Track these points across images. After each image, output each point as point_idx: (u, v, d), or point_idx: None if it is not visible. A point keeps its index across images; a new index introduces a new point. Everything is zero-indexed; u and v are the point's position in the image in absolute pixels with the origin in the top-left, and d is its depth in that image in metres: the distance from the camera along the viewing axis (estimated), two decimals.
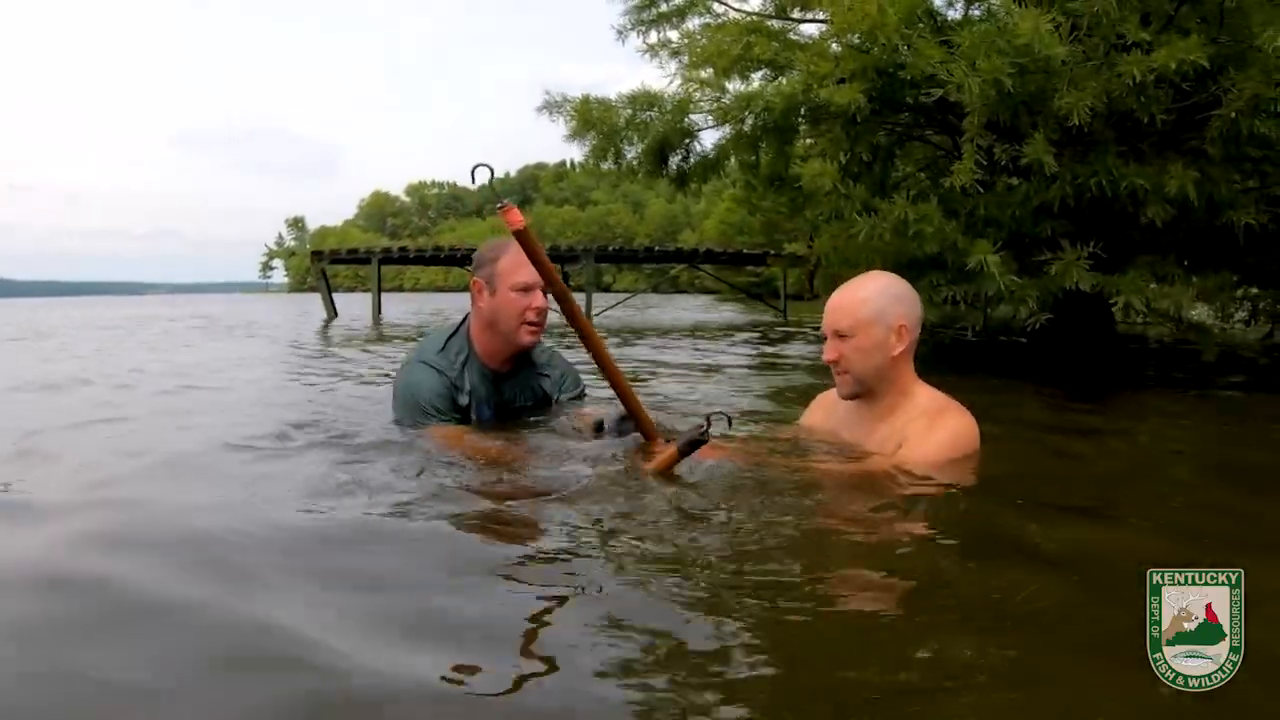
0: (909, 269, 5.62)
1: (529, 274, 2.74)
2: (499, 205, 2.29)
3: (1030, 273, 5.23)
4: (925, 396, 2.60)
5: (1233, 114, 4.79)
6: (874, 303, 2.54)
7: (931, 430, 2.50)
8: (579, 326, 2.45)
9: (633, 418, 2.53)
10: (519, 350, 2.97)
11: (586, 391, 3.25)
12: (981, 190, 5.49)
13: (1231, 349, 8.15)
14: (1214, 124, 4.92)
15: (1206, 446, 3.68)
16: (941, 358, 7.49)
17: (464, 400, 2.92)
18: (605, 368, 2.45)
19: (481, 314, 2.92)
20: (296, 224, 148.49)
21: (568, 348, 3.67)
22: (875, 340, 2.52)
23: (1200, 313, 7.17)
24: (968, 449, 2.53)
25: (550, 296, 2.65)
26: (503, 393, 3.01)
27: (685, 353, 8.58)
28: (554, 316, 2.80)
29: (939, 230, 5.12)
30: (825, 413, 2.90)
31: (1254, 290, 7.22)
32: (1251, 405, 5.06)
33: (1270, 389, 5.88)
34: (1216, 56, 4.90)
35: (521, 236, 2.33)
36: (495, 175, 2.31)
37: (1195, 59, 4.63)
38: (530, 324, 2.87)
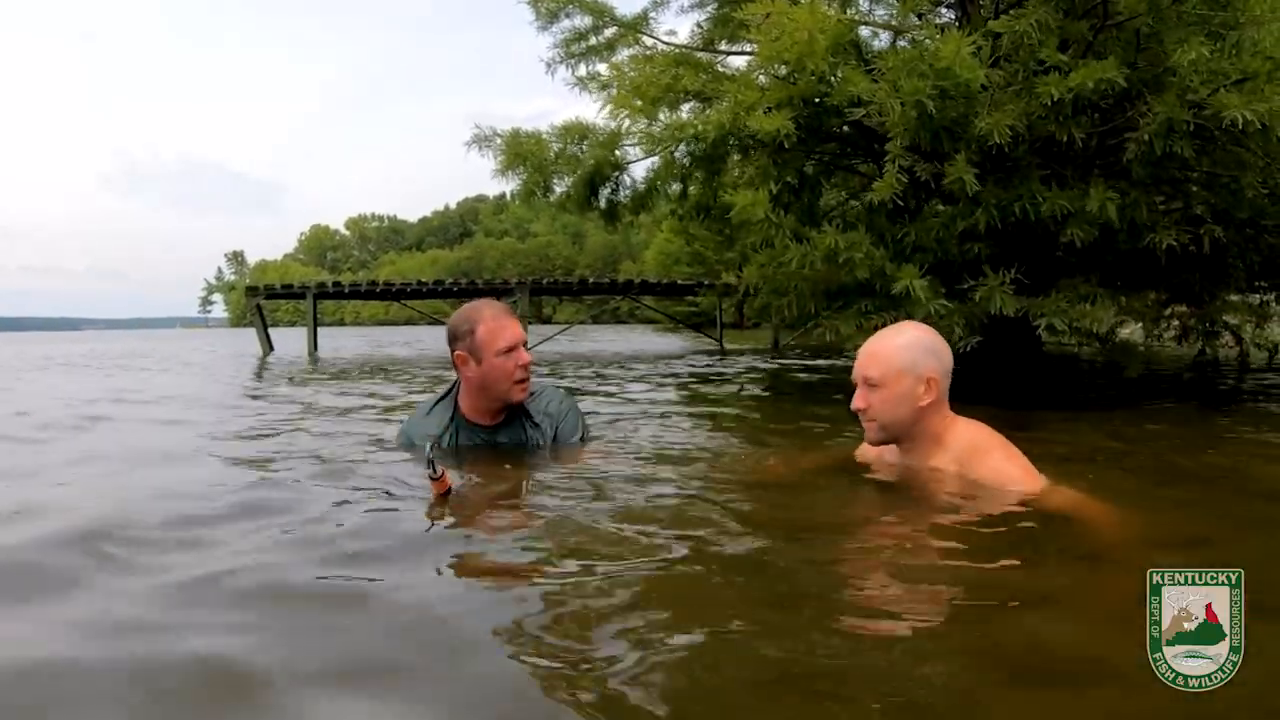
0: (838, 296, 5.63)
1: (508, 336, 3.03)
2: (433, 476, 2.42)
3: (957, 297, 5.25)
4: (963, 440, 2.59)
5: (1147, 136, 4.85)
6: (907, 353, 2.56)
7: (985, 470, 2.50)
8: None
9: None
10: (512, 404, 3.18)
11: (589, 434, 3.44)
12: (908, 218, 5.53)
13: (1160, 365, 8.32)
14: (1130, 147, 4.99)
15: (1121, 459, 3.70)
16: None
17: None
18: None
19: (471, 382, 3.13)
20: (236, 258, 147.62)
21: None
22: (904, 391, 2.55)
23: (1132, 331, 7.28)
24: (1020, 469, 2.50)
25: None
26: (497, 443, 3.22)
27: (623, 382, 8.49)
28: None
29: (868, 257, 5.12)
30: (878, 453, 2.85)
31: (1182, 308, 7.33)
32: (1179, 417, 5.17)
33: (1192, 400, 6.10)
34: (1134, 80, 4.99)
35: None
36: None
37: (1112, 78, 4.72)
38: (520, 381, 3.10)
